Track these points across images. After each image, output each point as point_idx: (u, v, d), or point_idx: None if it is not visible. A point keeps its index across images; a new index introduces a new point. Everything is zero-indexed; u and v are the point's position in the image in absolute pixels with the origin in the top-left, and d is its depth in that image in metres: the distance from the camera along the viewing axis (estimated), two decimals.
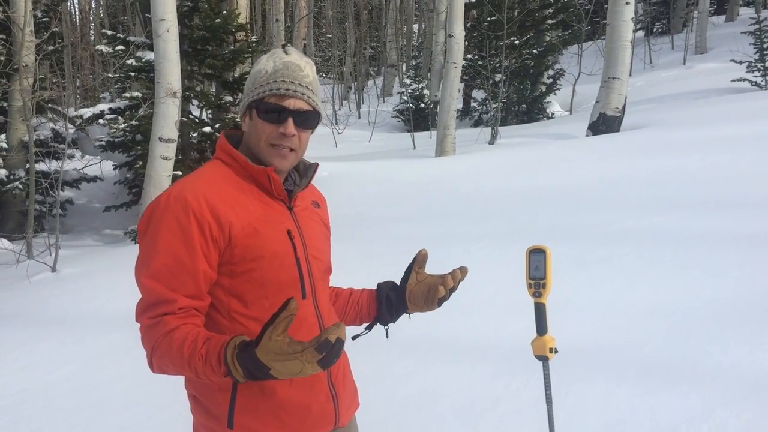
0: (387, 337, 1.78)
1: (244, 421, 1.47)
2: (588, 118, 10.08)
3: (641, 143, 7.84)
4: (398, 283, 1.76)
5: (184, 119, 9.46)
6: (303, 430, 1.54)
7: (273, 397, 1.48)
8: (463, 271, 1.66)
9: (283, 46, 1.57)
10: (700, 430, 2.50)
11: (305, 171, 1.68)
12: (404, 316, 1.78)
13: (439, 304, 1.67)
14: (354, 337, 1.70)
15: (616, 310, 3.60)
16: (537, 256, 1.69)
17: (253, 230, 1.48)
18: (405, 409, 3.02)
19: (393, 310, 1.75)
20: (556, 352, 1.71)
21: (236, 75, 10.42)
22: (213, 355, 1.31)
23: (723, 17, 24.06)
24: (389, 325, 1.78)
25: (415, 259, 1.73)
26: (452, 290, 1.66)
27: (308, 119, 1.55)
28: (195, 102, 10.30)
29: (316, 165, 1.71)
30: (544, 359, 1.73)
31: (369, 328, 1.81)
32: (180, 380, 1.51)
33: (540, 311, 1.71)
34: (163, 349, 1.38)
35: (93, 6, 33.47)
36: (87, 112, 10.89)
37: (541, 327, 1.72)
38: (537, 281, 1.68)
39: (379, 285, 1.80)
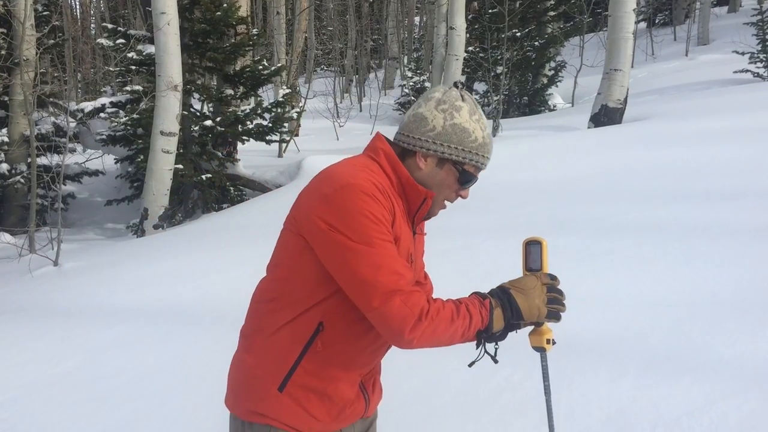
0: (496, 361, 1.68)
1: (293, 391, 1.57)
2: (590, 110, 10.05)
3: (643, 135, 7.82)
4: None
5: (185, 113, 9.46)
6: (337, 419, 1.64)
7: (327, 383, 1.58)
8: None
9: (458, 88, 1.66)
10: (702, 421, 2.50)
11: None
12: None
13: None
14: (470, 364, 1.70)
15: (618, 302, 3.60)
16: (533, 248, 1.69)
17: (397, 241, 1.56)
18: (407, 401, 3.03)
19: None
20: (554, 343, 1.70)
21: (237, 68, 10.40)
22: (476, 300, 1.58)
23: (725, 8, 23.96)
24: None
25: None
26: None
27: None
28: (196, 95, 10.29)
29: None
30: (541, 350, 1.72)
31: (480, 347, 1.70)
32: (182, 374, 1.51)
33: None
34: (439, 305, 1.51)
35: None
36: (88, 105, 10.90)
37: None
38: (533, 273, 1.68)
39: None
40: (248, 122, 10.31)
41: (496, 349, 1.65)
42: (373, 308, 1.46)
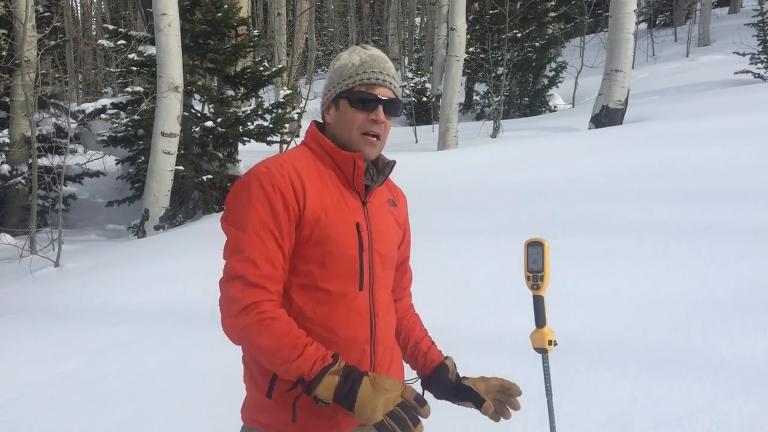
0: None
1: (280, 396, 1.52)
2: (590, 111, 10.05)
3: (644, 136, 7.82)
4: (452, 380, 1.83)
5: (186, 114, 9.46)
6: (329, 424, 1.56)
7: None
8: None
9: (360, 44, 1.68)
10: (703, 422, 2.50)
11: (383, 168, 1.70)
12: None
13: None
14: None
15: (619, 302, 3.60)
16: (535, 249, 1.68)
17: (324, 215, 1.53)
18: None
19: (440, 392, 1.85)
20: (556, 344, 1.70)
21: (238, 69, 10.40)
22: (323, 351, 1.44)
23: (726, 9, 23.96)
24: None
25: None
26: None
27: (395, 107, 1.64)
28: (197, 96, 10.28)
29: (394, 162, 1.72)
30: (543, 351, 1.72)
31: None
32: (182, 375, 1.51)
33: (538, 304, 1.71)
34: (280, 316, 1.46)
35: (94, 1, 33.44)
36: (89, 107, 10.91)
37: (540, 319, 1.72)
38: (535, 274, 1.68)
39: (440, 368, 1.84)
40: (249, 123, 10.31)
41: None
42: (219, 285, 1.50)
